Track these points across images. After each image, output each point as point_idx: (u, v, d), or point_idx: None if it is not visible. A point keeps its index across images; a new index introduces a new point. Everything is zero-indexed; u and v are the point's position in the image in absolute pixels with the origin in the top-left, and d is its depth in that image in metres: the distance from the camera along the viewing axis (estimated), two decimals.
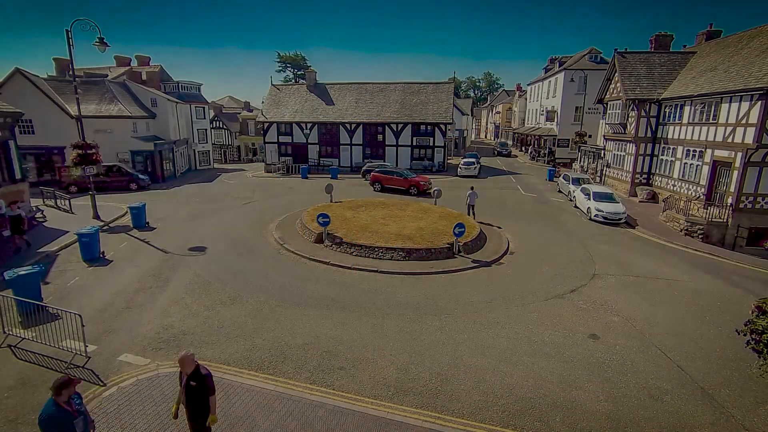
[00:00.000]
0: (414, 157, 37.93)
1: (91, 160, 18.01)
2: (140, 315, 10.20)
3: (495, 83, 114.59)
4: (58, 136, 29.52)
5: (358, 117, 37.85)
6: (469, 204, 19.51)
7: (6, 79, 29.32)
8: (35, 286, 10.36)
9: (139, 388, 7.45)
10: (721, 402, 7.44)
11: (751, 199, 17.26)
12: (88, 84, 33.74)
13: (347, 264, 13.68)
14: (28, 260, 13.40)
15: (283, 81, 73.15)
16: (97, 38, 16.58)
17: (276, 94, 41.58)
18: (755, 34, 20.74)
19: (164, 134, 37.35)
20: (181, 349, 8.71)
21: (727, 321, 10.29)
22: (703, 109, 20.33)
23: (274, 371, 8.06)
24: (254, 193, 27.61)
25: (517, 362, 8.49)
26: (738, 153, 17.51)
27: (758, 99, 16.50)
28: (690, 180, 21.18)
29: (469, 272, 13.51)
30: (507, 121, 74.61)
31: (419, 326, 9.86)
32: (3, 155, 17.34)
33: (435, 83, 40.44)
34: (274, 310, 10.54)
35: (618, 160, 27.85)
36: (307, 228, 16.55)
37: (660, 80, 24.61)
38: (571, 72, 39.60)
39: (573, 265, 14.13)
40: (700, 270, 14.15)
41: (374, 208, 19.69)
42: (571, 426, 6.78)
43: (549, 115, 46.18)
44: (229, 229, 17.84)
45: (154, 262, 13.86)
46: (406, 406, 7.17)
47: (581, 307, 11.06)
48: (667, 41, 28.69)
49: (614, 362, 8.56)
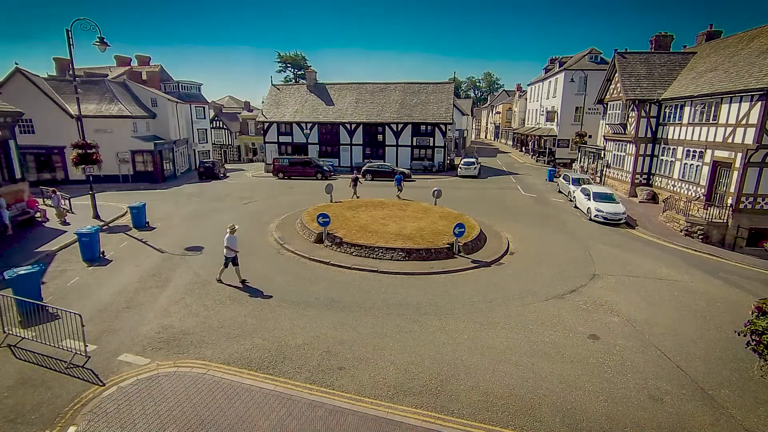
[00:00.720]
0: (414, 157, 37.94)
1: (91, 160, 18.01)
2: (140, 315, 10.20)
3: (495, 83, 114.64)
4: (58, 135, 29.57)
5: (358, 117, 37.86)
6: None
7: (6, 78, 29.36)
8: (35, 285, 10.36)
9: (138, 387, 7.45)
10: (721, 402, 7.43)
11: (751, 199, 17.27)
12: (88, 84, 33.76)
13: (347, 264, 13.68)
14: (27, 260, 13.41)
15: (284, 81, 73.15)
16: (98, 38, 16.59)
17: (276, 94, 41.59)
18: (755, 34, 20.73)
19: (164, 134, 37.38)
20: (182, 349, 8.72)
21: (726, 321, 10.29)
22: (703, 109, 20.33)
23: (274, 371, 8.06)
24: (254, 193, 27.61)
25: (517, 362, 8.48)
26: (738, 153, 17.51)
27: (758, 99, 16.51)
28: (690, 180, 21.18)
29: (469, 272, 13.51)
30: (507, 122, 74.61)
31: (419, 326, 9.86)
32: (3, 155, 17.34)
33: (435, 83, 40.46)
34: (274, 310, 10.54)
35: (618, 160, 27.86)
36: (307, 228, 16.54)
37: (660, 81, 24.61)
38: (572, 72, 39.62)
39: (573, 266, 14.13)
40: (699, 270, 14.14)
41: (374, 208, 19.69)
42: (571, 426, 6.78)
43: (549, 115, 46.17)
44: None
45: (154, 262, 13.86)
46: (406, 406, 7.17)
47: (581, 307, 11.06)
48: (667, 42, 28.71)
49: (614, 362, 8.56)
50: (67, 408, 6.97)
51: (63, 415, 6.82)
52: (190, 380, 7.66)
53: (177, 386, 7.46)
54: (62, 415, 6.81)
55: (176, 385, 7.51)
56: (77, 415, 6.80)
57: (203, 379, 7.69)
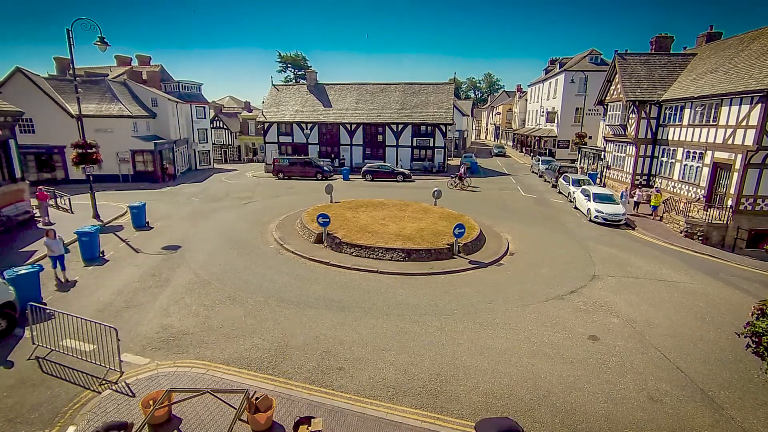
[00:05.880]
0: (414, 158, 37.94)
1: (91, 160, 18.02)
2: (140, 314, 10.20)
3: (495, 84, 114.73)
4: (58, 135, 29.57)
5: (359, 117, 37.87)
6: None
7: (7, 78, 29.36)
8: (35, 285, 10.35)
9: (138, 387, 7.45)
10: (721, 404, 7.43)
11: (751, 201, 17.27)
12: (89, 83, 33.77)
13: (347, 264, 13.68)
14: (27, 259, 13.40)
15: (284, 81, 73.12)
16: (98, 37, 16.60)
17: (276, 95, 41.60)
18: (756, 36, 20.74)
19: (164, 134, 37.37)
20: (181, 348, 8.72)
21: (726, 323, 10.30)
22: (703, 110, 20.33)
23: (274, 371, 8.05)
24: (254, 193, 27.60)
25: (517, 363, 8.48)
26: (738, 155, 17.51)
27: (758, 101, 16.50)
28: (690, 182, 21.17)
29: (469, 273, 13.51)
30: (507, 122, 74.68)
31: (419, 327, 9.86)
32: (3, 154, 17.33)
33: (435, 84, 40.47)
34: (274, 310, 10.54)
35: (618, 161, 27.86)
36: (307, 228, 16.54)
37: (660, 82, 24.61)
38: (572, 73, 39.67)
39: (573, 267, 14.13)
40: (699, 272, 14.14)
41: (374, 209, 19.68)
42: (571, 427, 6.77)
43: (549, 116, 46.23)
44: (229, 229, 17.85)
45: (154, 262, 13.86)
46: (406, 407, 7.17)
47: (581, 308, 11.06)
48: (667, 43, 28.71)
49: (614, 363, 8.56)
50: (66, 408, 6.97)
51: (62, 414, 6.82)
52: (189, 380, 7.66)
53: (176, 386, 7.45)
54: (62, 415, 6.80)
55: (176, 384, 7.50)
56: (77, 414, 6.80)
57: (203, 379, 7.68)
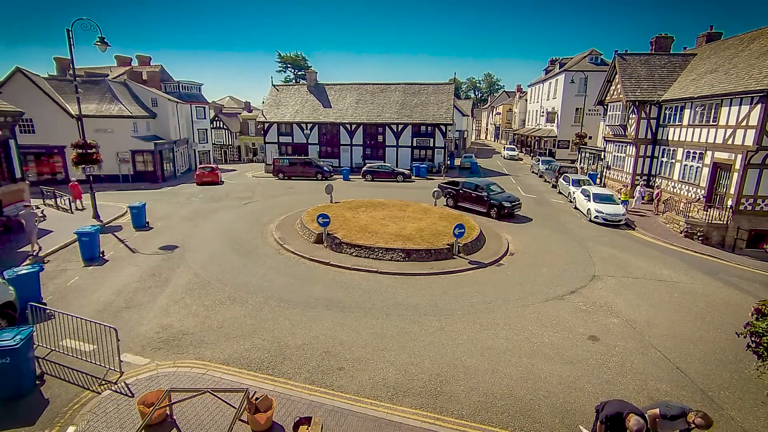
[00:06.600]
0: (414, 158, 37.94)
1: (91, 160, 18.02)
2: (139, 314, 10.20)
3: (495, 84, 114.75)
4: (58, 135, 29.57)
5: (359, 118, 37.86)
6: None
7: (7, 78, 29.36)
8: (35, 285, 10.34)
9: (138, 388, 7.44)
10: (721, 404, 7.43)
11: (751, 201, 17.27)
12: (89, 83, 33.78)
13: (347, 264, 13.68)
14: (27, 259, 13.40)
15: (284, 81, 73.12)
16: (98, 38, 16.59)
17: (276, 95, 41.60)
18: (756, 36, 20.75)
19: (164, 134, 37.39)
20: (181, 348, 8.72)
21: (726, 323, 10.30)
22: (703, 111, 20.34)
23: (274, 371, 8.05)
24: (254, 194, 27.60)
25: (517, 363, 8.48)
26: (738, 155, 17.51)
27: (758, 101, 16.51)
28: (690, 182, 21.17)
29: (469, 273, 13.51)
30: (507, 123, 74.68)
31: (419, 327, 9.86)
32: (3, 154, 17.33)
33: (435, 84, 40.45)
34: (274, 310, 10.54)
35: (618, 161, 27.86)
36: (307, 228, 16.54)
37: (660, 82, 24.62)
38: (572, 73, 39.68)
39: (573, 267, 14.13)
40: (699, 272, 14.14)
41: (374, 209, 19.68)
42: (571, 427, 6.77)
43: (549, 116, 46.23)
44: (229, 229, 17.85)
45: (154, 262, 13.86)
46: (406, 407, 7.16)
47: (581, 308, 11.05)
48: (667, 43, 28.73)
49: (614, 364, 8.55)
50: (66, 408, 6.96)
51: (62, 414, 6.81)
52: (189, 380, 7.65)
53: (176, 386, 7.45)
54: (61, 415, 6.80)
55: (175, 384, 7.49)
56: (76, 414, 6.79)
57: (203, 379, 7.68)
